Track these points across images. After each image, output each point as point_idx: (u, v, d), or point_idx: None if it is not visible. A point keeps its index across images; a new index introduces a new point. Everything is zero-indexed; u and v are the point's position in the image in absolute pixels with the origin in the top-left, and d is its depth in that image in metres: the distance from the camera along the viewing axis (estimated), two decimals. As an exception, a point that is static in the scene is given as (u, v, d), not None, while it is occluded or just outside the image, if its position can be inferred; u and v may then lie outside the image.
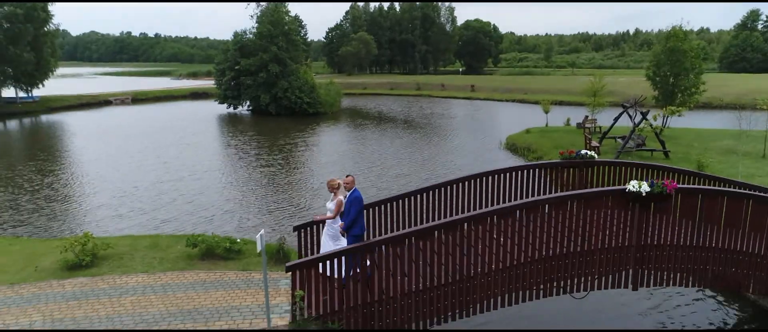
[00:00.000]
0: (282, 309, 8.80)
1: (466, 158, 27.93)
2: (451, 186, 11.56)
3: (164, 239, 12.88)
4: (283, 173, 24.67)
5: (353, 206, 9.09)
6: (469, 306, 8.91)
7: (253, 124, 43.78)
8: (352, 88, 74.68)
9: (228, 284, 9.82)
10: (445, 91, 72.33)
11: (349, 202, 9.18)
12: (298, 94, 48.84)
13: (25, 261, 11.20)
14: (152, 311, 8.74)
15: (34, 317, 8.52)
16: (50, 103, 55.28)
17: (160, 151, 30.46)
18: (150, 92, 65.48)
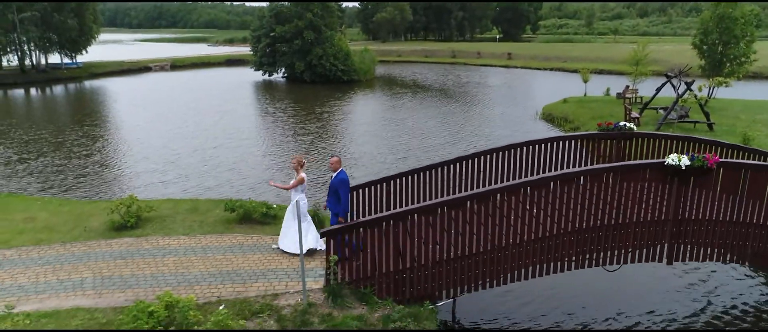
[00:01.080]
0: (316, 274, 9.08)
1: (501, 129, 27.62)
2: (484, 157, 11.53)
3: (203, 204, 13.32)
4: (319, 142, 24.95)
5: (342, 188, 9.07)
6: (499, 276, 9.00)
7: (288, 91, 44.16)
8: (387, 55, 74.14)
9: (264, 248, 10.15)
10: (481, 59, 71.08)
11: (337, 184, 9.11)
12: (333, 61, 48.87)
13: (75, 221, 11.80)
14: (194, 271, 9.14)
15: (84, 274, 9.03)
16: (93, 69, 56.90)
17: (198, 118, 31.15)
18: (187, 59, 66.57)
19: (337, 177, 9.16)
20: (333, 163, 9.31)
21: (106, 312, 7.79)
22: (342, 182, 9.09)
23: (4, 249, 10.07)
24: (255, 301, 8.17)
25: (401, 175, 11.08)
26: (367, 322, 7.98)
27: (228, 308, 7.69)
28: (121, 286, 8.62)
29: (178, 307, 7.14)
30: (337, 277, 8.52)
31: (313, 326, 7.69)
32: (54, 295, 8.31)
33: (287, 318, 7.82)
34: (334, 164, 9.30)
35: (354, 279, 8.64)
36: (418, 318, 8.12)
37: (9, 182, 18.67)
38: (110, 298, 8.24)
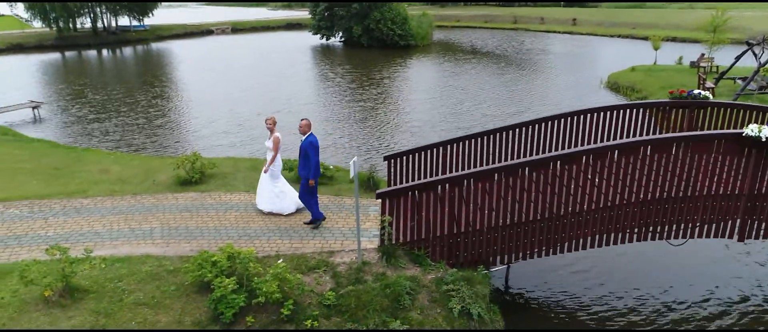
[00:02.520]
0: (371, 234, 9.21)
1: (562, 97, 26.69)
2: (543, 123, 11.22)
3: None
4: (376, 106, 24.98)
5: (311, 150, 9.04)
6: (556, 245, 8.83)
7: (345, 56, 44.25)
8: (445, 20, 72.59)
9: (321, 206, 10.33)
10: (544, 24, 68.41)
11: (306, 147, 9.08)
12: (390, 25, 48.40)
13: (145, 175, 12.43)
14: (254, 226, 9.48)
15: (153, 224, 9.55)
16: (159, 31, 58.90)
17: (258, 81, 31.80)
18: (247, 22, 67.71)
19: (307, 140, 9.14)
20: (303, 126, 9.21)
21: (173, 260, 8.23)
22: (311, 145, 9.08)
23: (82, 198, 10.77)
24: (311, 257, 8.41)
25: (457, 140, 10.95)
26: (420, 283, 8.06)
27: (286, 262, 7.95)
28: (186, 237, 9.07)
29: (239, 258, 7.44)
30: (391, 238, 8.62)
31: (367, 283, 7.85)
32: (126, 242, 8.85)
33: (342, 274, 8.01)
34: (303, 127, 9.20)
35: (408, 241, 8.70)
36: (471, 282, 8.13)
37: (85, 138, 19.85)
38: (177, 247, 8.69)
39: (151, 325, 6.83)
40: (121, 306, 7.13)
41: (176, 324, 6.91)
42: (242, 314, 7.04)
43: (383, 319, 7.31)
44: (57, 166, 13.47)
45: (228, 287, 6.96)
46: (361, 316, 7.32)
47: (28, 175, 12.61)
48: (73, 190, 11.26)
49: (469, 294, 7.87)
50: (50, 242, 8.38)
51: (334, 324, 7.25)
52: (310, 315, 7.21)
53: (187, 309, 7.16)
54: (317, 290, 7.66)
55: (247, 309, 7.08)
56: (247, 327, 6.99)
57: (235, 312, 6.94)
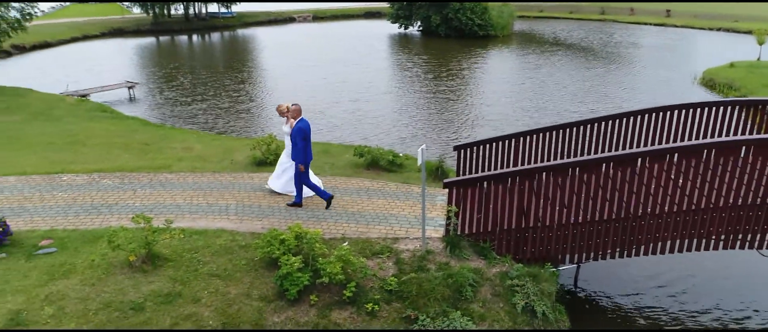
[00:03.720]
0: (436, 223, 9.16)
1: (653, 94, 25.15)
2: (626, 118, 10.64)
3: (335, 148, 13.98)
4: (452, 98, 24.73)
5: (299, 136, 9.05)
6: (631, 247, 8.38)
7: (422, 45, 44.05)
8: (527, 10, 70.29)
9: (389, 194, 10.43)
10: (634, 16, 64.63)
11: (294, 133, 9.12)
12: (469, 15, 47.53)
13: (224, 154, 13.04)
14: (322, 209, 9.70)
15: (229, 201, 10.01)
16: (245, 18, 61.29)
17: (336, 68, 32.37)
18: (328, 11, 68.89)
19: (296, 126, 9.17)
20: (292, 111, 9.33)
21: (245, 236, 8.59)
22: (299, 131, 9.11)
23: (166, 173, 11.47)
24: (376, 242, 8.49)
25: (530, 132, 10.63)
26: (484, 276, 7.93)
27: (350, 245, 8.08)
28: (259, 214, 9.43)
29: (306, 238, 7.65)
30: (456, 229, 8.53)
31: (429, 272, 7.82)
32: (204, 216, 9.35)
33: (405, 261, 8.04)
34: (293, 112, 9.31)
35: (473, 233, 8.58)
36: (537, 278, 7.90)
37: (173, 118, 21.11)
38: (249, 224, 9.06)
39: (222, 296, 7.18)
40: (196, 275, 7.55)
41: (245, 296, 7.22)
42: (306, 292, 7.25)
43: (444, 309, 7.27)
44: (146, 142, 14.43)
45: (294, 265, 7.18)
46: (422, 304, 7.31)
47: (121, 149, 13.60)
48: (159, 165, 12.01)
49: (534, 290, 7.66)
50: (136, 212, 9.00)
51: (395, 309, 7.30)
52: (372, 298, 7.30)
53: (255, 284, 7.46)
54: (380, 274, 7.73)
55: (311, 287, 7.28)
56: (311, 304, 7.18)
57: (299, 290, 7.15)
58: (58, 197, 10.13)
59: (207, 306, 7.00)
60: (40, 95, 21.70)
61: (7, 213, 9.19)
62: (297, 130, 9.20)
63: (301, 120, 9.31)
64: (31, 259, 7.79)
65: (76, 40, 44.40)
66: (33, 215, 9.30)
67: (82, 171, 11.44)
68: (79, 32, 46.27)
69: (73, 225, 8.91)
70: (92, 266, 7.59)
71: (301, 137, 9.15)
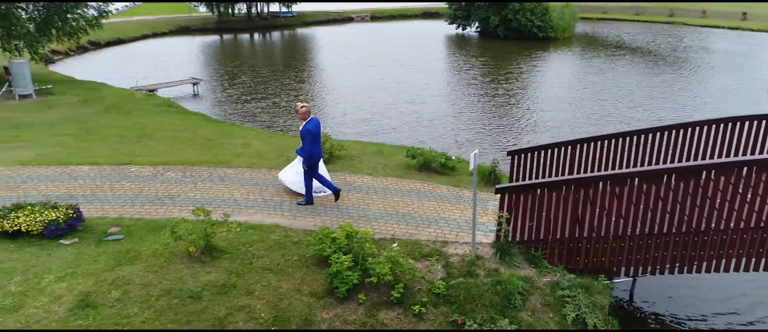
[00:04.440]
0: (487, 228, 9.09)
1: (722, 101, 23.89)
2: (692, 128, 10.16)
3: (387, 148, 14.10)
4: (509, 101, 24.36)
5: (307, 137, 9.25)
6: (693, 263, 8.03)
7: (480, 46, 43.58)
8: (590, 12, 68.09)
9: (439, 196, 10.43)
10: (706, 19, 61.38)
11: (302, 133, 9.36)
12: (529, 16, 46.59)
13: (280, 151, 13.42)
14: (373, 208, 9.83)
15: (284, 197, 10.30)
16: (304, 18, 62.57)
17: (393, 69, 32.54)
18: (386, 11, 69.28)
19: (305, 127, 9.38)
20: (301, 113, 9.47)
21: (298, 232, 8.83)
22: (306, 132, 9.32)
23: (225, 168, 11.93)
24: (425, 245, 8.52)
25: (588, 140, 10.34)
26: (534, 285, 7.81)
27: (400, 246, 8.15)
28: (311, 212, 9.66)
29: (356, 238, 7.79)
30: (507, 235, 8.43)
31: (478, 277, 7.78)
32: (259, 211, 9.66)
33: (454, 265, 8.03)
34: (302, 114, 9.46)
35: (525, 240, 8.46)
36: (589, 290, 7.70)
37: (233, 115, 21.88)
38: (302, 221, 9.30)
39: (274, 289, 7.42)
40: (250, 268, 7.83)
41: (296, 291, 7.42)
42: (355, 290, 7.37)
43: (491, 316, 7.22)
44: (208, 137, 15.04)
45: (344, 263, 7.32)
46: (469, 309, 7.29)
47: (185, 143, 14.24)
48: (219, 160, 12.50)
49: (586, 302, 7.47)
50: (197, 204, 9.41)
51: (442, 313, 7.31)
52: (419, 300, 7.34)
53: (306, 280, 7.65)
54: (428, 277, 7.76)
55: (360, 286, 7.40)
56: (359, 303, 7.30)
57: (348, 288, 7.29)
58: (126, 187, 10.74)
59: (259, 299, 7.25)
60: (113, 89, 23.00)
61: (81, 200, 9.83)
62: (305, 130, 9.42)
63: (311, 120, 9.51)
64: (101, 245, 8.31)
65: (146, 37, 46.69)
66: (103, 203, 9.90)
67: (148, 163, 12.06)
68: (149, 30, 48.63)
69: (139, 214, 9.43)
70: (155, 254, 8.01)
71: (310, 137, 9.37)
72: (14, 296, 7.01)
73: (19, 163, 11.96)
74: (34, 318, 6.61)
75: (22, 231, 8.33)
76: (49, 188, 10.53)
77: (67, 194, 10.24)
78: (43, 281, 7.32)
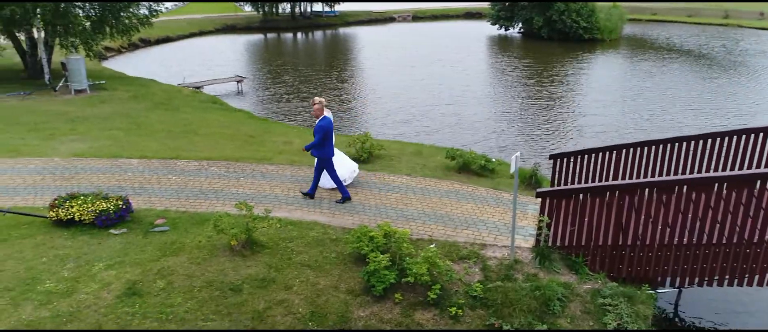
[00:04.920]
0: (526, 232, 8.97)
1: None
2: (746, 135, 9.74)
3: (427, 149, 14.07)
4: (553, 105, 23.89)
5: (319, 133, 9.56)
6: (743, 276, 7.70)
7: (523, 48, 42.94)
8: (639, 12, 66.06)
9: (478, 198, 10.35)
10: (764, 21, 58.58)
11: (316, 129, 9.67)
12: (575, 17, 45.55)
13: (320, 149, 13.56)
14: (411, 209, 9.83)
15: (323, 195, 10.42)
16: (346, 17, 63.06)
17: (434, 70, 32.44)
18: (428, 11, 69.09)
19: (318, 124, 9.65)
20: (314, 110, 9.75)
21: (336, 230, 8.92)
22: (320, 129, 9.59)
23: (267, 164, 12.16)
24: (463, 246, 8.47)
25: (633, 145, 10.04)
26: (574, 291, 7.66)
27: (438, 247, 8.13)
28: (350, 210, 9.74)
29: (394, 237, 7.82)
30: (547, 240, 8.30)
31: (516, 281, 7.68)
32: (299, 208, 9.81)
33: (492, 268, 7.95)
34: (315, 111, 9.73)
35: (565, 245, 8.30)
36: (632, 299, 7.49)
37: (275, 113, 22.27)
38: (341, 219, 9.39)
39: (312, 285, 7.52)
40: (289, 263, 7.96)
41: (333, 288, 7.51)
42: (392, 290, 7.40)
43: (529, 321, 7.11)
44: (251, 134, 15.37)
45: (381, 262, 7.36)
46: (507, 314, 7.21)
47: (228, 140, 14.58)
48: (261, 156, 12.75)
49: (628, 312, 7.27)
50: (239, 199, 9.63)
51: (478, 316, 7.25)
52: (456, 302, 7.31)
53: (343, 277, 7.73)
54: (465, 279, 7.72)
55: (396, 286, 7.42)
56: (395, 302, 7.32)
57: (385, 287, 7.32)
58: (172, 180, 11.09)
59: (298, 294, 7.36)
60: (162, 86, 23.77)
61: (130, 192, 10.21)
62: (318, 127, 9.67)
63: (324, 118, 9.73)
64: (148, 235, 8.61)
65: (193, 36, 48.01)
66: (151, 196, 10.26)
67: (193, 158, 12.42)
68: (197, 28, 49.99)
69: (184, 207, 9.72)
70: (199, 246, 8.25)
71: (322, 134, 9.59)
72: (67, 281, 7.35)
73: (74, 155, 12.52)
74: (85, 303, 6.91)
75: (75, 220, 8.72)
76: (100, 180, 10.98)
77: (117, 185, 10.66)
78: (94, 268, 7.65)
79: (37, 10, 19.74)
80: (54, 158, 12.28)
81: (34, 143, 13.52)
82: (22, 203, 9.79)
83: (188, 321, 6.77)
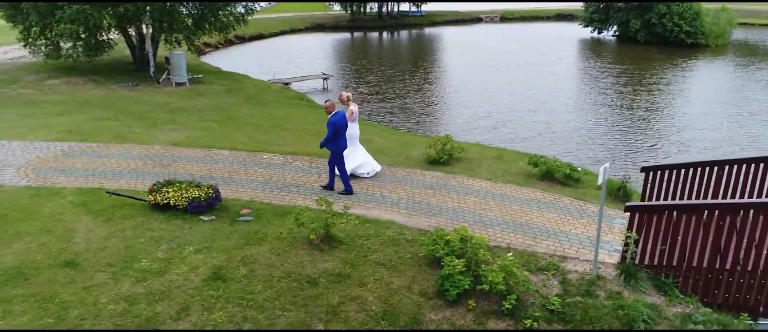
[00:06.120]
0: (611, 248, 8.53)
1: None
2: None
3: (509, 154, 13.75)
4: (649, 115, 22.45)
5: (329, 128, 9.95)
6: None
7: (617, 52, 40.82)
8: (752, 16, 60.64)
9: (561, 208, 9.97)
10: None
11: (329, 124, 10.00)
12: (677, 21, 42.60)
13: (400, 149, 13.66)
14: (490, 215, 9.65)
15: (401, 194, 10.48)
16: (433, 17, 62.94)
17: (520, 73, 31.63)
18: (517, 12, 67.45)
19: (330, 119, 10.04)
20: (326, 107, 10.20)
21: (412, 230, 8.94)
22: (331, 124, 9.98)
23: (348, 162, 12.40)
24: (542, 257, 8.20)
25: (737, 161, 9.27)
26: (662, 314, 7.18)
27: (515, 256, 7.92)
28: (427, 212, 9.73)
29: (470, 243, 7.70)
30: (634, 257, 7.84)
31: (597, 298, 7.33)
32: (377, 206, 9.93)
33: (572, 282, 7.64)
34: (327, 108, 10.18)
35: (654, 264, 7.81)
36: (727, 328, 6.91)
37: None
38: (417, 220, 9.40)
39: (385, 284, 7.59)
40: (364, 261, 8.08)
41: (406, 289, 7.53)
42: (465, 296, 7.30)
43: (610, 341, 6.76)
44: (334, 131, 15.72)
45: (456, 267, 7.29)
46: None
47: (313, 136, 15.01)
48: (342, 153, 13.02)
49: (723, 342, 6.72)
50: (320, 195, 9.90)
51: (554, 330, 6.98)
52: (531, 315, 7.09)
53: (417, 278, 7.73)
54: (543, 292, 7.47)
55: (470, 292, 7.31)
56: (468, 309, 7.22)
57: (458, 292, 7.24)
58: (258, 172, 11.60)
59: (371, 292, 7.45)
60: (253, 81, 24.94)
61: (219, 181, 10.80)
62: (329, 123, 10.06)
63: (336, 113, 10.13)
64: (234, 224, 9.07)
65: (284, 33, 49.92)
66: (238, 186, 10.79)
67: (279, 152, 12.92)
68: (287, 26, 51.94)
69: (268, 199, 10.14)
70: (280, 238, 8.57)
71: (333, 129, 9.98)
72: (161, 261, 7.90)
73: (172, 144, 13.43)
74: (175, 284, 7.40)
75: (170, 205, 9.34)
76: (194, 168, 11.70)
77: (209, 175, 11.31)
78: (185, 251, 8.16)
79: (147, 7, 21.37)
80: (154, 145, 13.24)
81: (138, 130, 14.65)
82: (125, 186, 10.63)
83: (266, 308, 7.05)
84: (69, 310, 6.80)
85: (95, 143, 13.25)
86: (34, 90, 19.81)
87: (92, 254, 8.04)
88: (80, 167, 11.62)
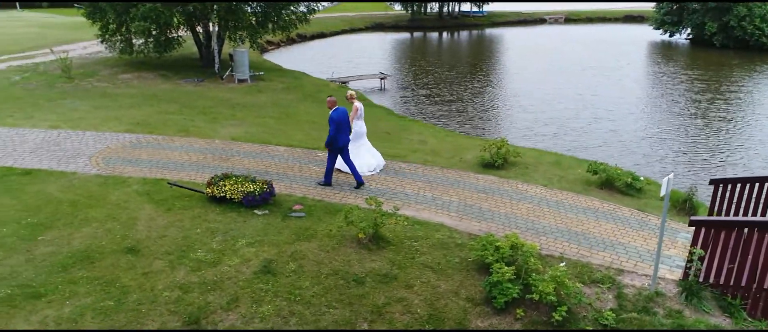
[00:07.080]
0: (674, 263, 8.08)
1: None
2: None
3: (567, 160, 13.32)
4: (723, 125, 21.13)
5: (331, 125, 10.21)
6: None
7: (691, 56, 38.69)
8: None
9: (620, 219, 9.55)
10: None
11: (329, 121, 10.23)
12: (758, 23, 39.88)
13: (454, 151, 13.51)
14: (543, 222, 9.37)
15: (452, 197, 10.36)
16: (494, 18, 61.98)
17: (584, 78, 30.58)
18: (582, 13, 65.32)
19: (330, 115, 10.24)
20: (328, 103, 10.50)
21: (462, 235, 8.81)
22: (331, 120, 10.22)
23: (401, 162, 12.39)
24: (597, 269, 7.88)
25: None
26: (726, 337, 6.73)
27: (568, 267, 7.65)
28: (478, 216, 9.56)
29: (521, 250, 7.50)
30: (698, 275, 7.38)
31: (655, 316, 6.95)
32: (427, 208, 9.86)
33: (628, 297, 7.29)
34: (329, 104, 10.48)
35: (720, 284, 7.32)
36: (802, 358, 6.39)
37: (413, 111, 22.61)
38: (468, 224, 9.25)
39: (432, 288, 7.51)
40: (412, 263, 8.03)
41: (453, 294, 7.43)
42: (513, 304, 7.12)
43: (667, 362, 6.40)
44: (388, 131, 15.78)
45: (505, 275, 7.11)
46: (641, 350, 6.55)
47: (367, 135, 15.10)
48: (395, 153, 13.03)
49: (795, 372, 6.21)
50: (370, 194, 9.93)
51: (607, 347, 6.69)
52: (583, 328, 6.82)
53: (464, 284, 7.61)
54: (596, 305, 7.17)
55: (519, 300, 7.12)
56: (516, 318, 7.03)
57: (507, 300, 7.06)
58: (312, 169, 11.78)
59: (417, 295, 7.40)
60: (312, 79, 25.39)
61: (274, 177, 11.04)
62: (329, 119, 10.30)
63: (336, 109, 10.33)
64: (285, 219, 9.25)
65: (344, 32, 50.56)
66: (291, 182, 11.00)
67: (333, 150, 13.06)
68: (348, 25, 52.57)
69: (320, 197, 10.28)
70: (329, 235, 8.66)
71: (334, 125, 10.21)
72: (215, 252, 8.16)
73: (231, 138, 13.87)
74: (227, 275, 7.62)
75: (226, 198, 9.64)
76: (251, 163, 12.03)
77: (264, 170, 11.59)
78: (238, 244, 8.40)
79: (214, 6, 22.20)
80: (215, 140, 13.72)
81: (201, 124, 15.23)
82: (185, 177, 11.07)
83: (313, 305, 7.14)
84: (128, 295, 7.14)
85: (161, 136, 13.87)
86: (108, 83, 20.99)
87: (152, 241, 8.41)
88: (145, 158, 12.20)
